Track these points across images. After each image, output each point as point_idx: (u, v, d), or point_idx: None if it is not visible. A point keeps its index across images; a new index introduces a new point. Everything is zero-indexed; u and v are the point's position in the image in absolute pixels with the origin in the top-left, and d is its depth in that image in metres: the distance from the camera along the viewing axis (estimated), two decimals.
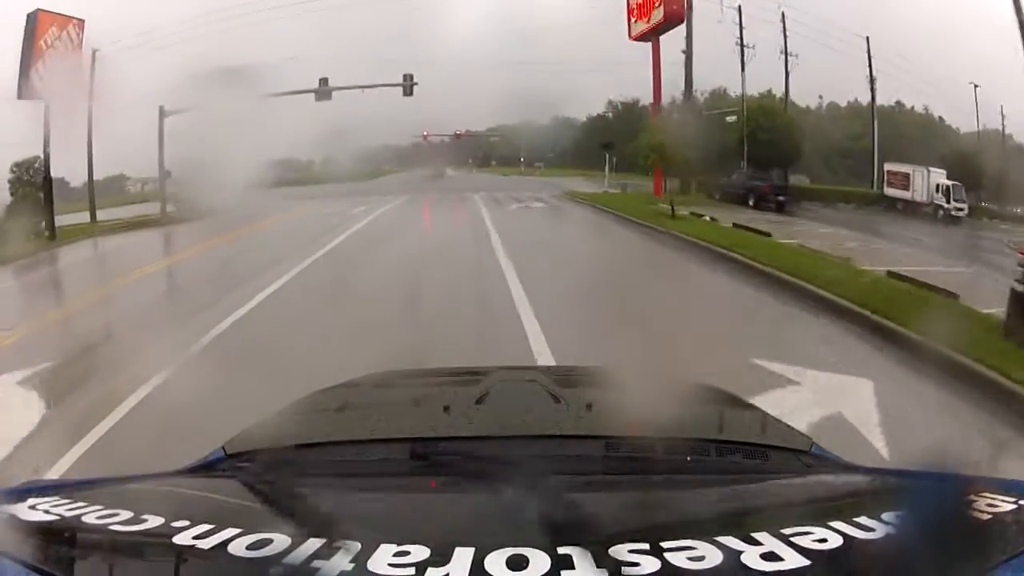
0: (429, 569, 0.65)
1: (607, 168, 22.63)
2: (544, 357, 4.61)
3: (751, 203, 18.28)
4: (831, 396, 4.00)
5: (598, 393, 1.54)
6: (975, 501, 0.79)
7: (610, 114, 29.38)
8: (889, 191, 18.94)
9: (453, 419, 1.27)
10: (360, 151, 23.90)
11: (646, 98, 26.47)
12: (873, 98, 22.01)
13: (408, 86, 19.44)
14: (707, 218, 13.52)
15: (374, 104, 19.32)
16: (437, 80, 20.27)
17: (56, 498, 0.86)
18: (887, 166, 19.60)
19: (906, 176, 18.83)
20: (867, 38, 21.69)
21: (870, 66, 21.55)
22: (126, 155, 18.97)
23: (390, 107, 19.69)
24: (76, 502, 0.84)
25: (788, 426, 1.32)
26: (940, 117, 22.11)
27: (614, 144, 22.29)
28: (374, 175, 26.71)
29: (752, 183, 19.11)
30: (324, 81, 19.20)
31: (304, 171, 24.40)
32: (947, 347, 4.51)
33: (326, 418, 1.42)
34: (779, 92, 22.49)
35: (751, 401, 1.62)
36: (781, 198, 18.51)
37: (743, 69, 21.13)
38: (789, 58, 21.49)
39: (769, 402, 3.49)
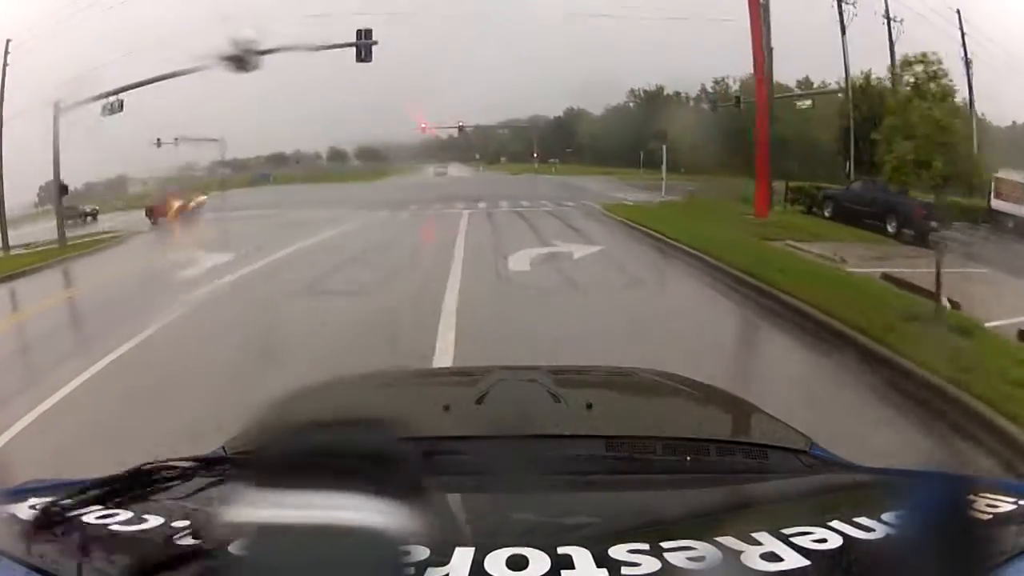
0: (429, 569, 0.66)
1: (664, 167, 17.51)
2: None
3: (891, 229, 12.45)
4: None
5: (598, 393, 1.54)
6: (975, 501, 0.77)
7: (632, 104, 25.78)
8: (997, 204, 14.07)
9: (454, 418, 1.27)
10: (364, 146, 21.68)
11: (671, 86, 23.65)
12: (970, 87, 16.69)
13: (364, 46, 14.72)
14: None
15: (373, 98, 17.01)
16: (442, 72, 18.38)
17: (56, 498, 0.85)
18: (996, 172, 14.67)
19: (1019, 187, 13.85)
20: (958, 11, 16.34)
21: (964, 46, 16.22)
22: (124, 155, 17.29)
23: (390, 101, 17.49)
24: (76, 502, 0.84)
25: (788, 426, 1.29)
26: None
27: (667, 134, 17.31)
28: (380, 174, 24.60)
29: (896, 200, 13.00)
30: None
31: (311, 165, 22.76)
32: None
33: (326, 417, 1.32)
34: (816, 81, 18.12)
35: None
36: (934, 224, 12.38)
37: (843, 32, 15.58)
38: (893, 24, 16.06)
39: None
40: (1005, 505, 0.80)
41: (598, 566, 0.66)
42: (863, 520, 0.74)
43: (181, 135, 18.41)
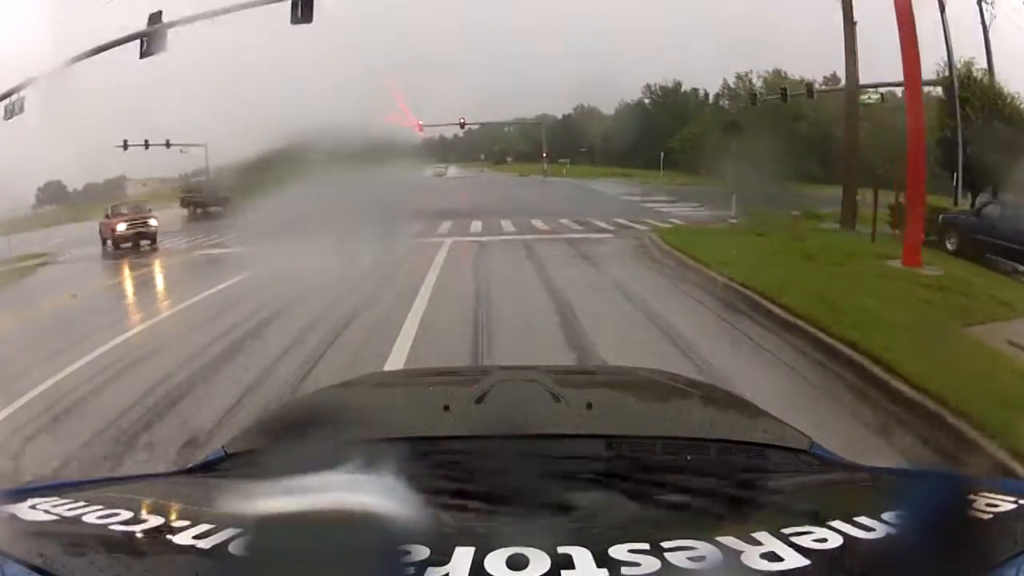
0: (429, 569, 0.65)
1: (733, 172, 12.86)
2: None
3: None
4: None
5: (598, 393, 1.53)
6: (975, 501, 0.77)
7: (647, 100, 23.45)
8: None
9: (453, 418, 1.26)
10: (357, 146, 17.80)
11: (688, 82, 21.31)
12: None
13: (301, 2, 11.91)
14: None
15: (370, 95, 14.24)
16: (443, 66, 16.08)
17: (56, 498, 0.86)
18: None
19: None
20: None
21: None
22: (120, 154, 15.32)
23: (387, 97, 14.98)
24: (76, 502, 0.85)
25: (787, 425, 1.27)
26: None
27: (742, 127, 13.36)
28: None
29: None
30: (156, 17, 11.28)
31: (303, 166, 20.03)
32: None
33: (326, 417, 1.35)
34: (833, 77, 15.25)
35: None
36: None
37: (943, 10, 12.17)
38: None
39: None
40: (1005, 505, 0.79)
41: (598, 566, 0.65)
42: (863, 520, 0.73)
43: (150, 138, 16.04)
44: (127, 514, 0.78)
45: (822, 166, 19.67)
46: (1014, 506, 0.79)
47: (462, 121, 21.72)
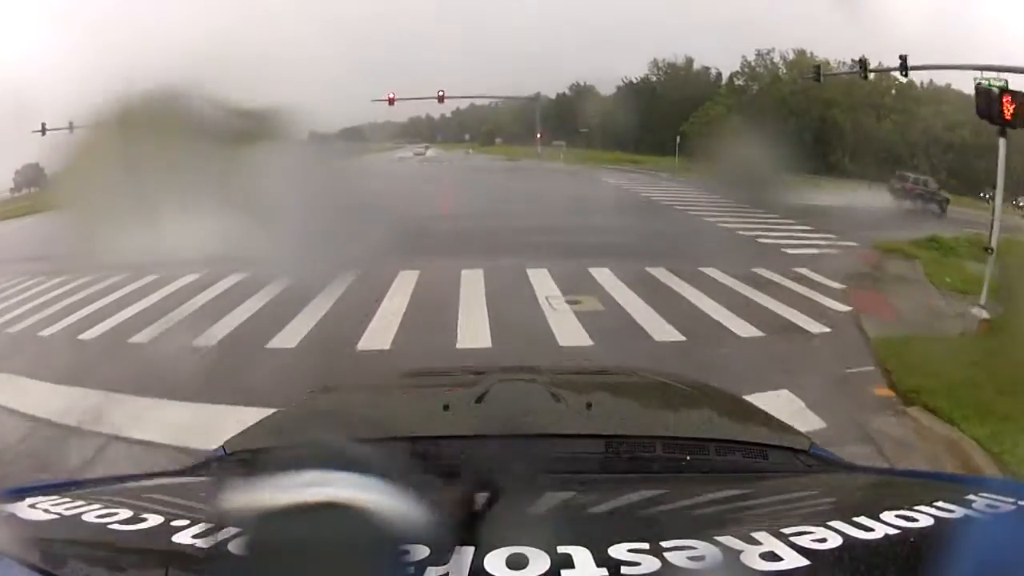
0: (429, 568, 0.66)
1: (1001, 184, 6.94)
2: None
3: None
4: None
5: (598, 393, 1.54)
6: (975, 501, 0.79)
7: (654, 77, 21.49)
8: None
9: (453, 418, 1.27)
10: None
11: (702, 58, 19.72)
12: None
13: None
14: None
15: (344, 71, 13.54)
16: (426, 37, 15.65)
17: (56, 498, 0.87)
18: None
19: None
20: None
21: None
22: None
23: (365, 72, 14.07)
24: (76, 502, 0.85)
25: (787, 426, 1.30)
26: None
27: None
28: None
29: None
30: None
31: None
32: None
33: (326, 417, 1.39)
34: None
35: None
36: None
37: None
38: None
39: None
40: (1005, 505, 0.80)
41: (598, 566, 0.66)
42: (863, 520, 0.74)
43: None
44: (126, 513, 0.79)
45: (852, 159, 17.22)
46: (1014, 506, 0.80)
47: (441, 94, 18.80)
